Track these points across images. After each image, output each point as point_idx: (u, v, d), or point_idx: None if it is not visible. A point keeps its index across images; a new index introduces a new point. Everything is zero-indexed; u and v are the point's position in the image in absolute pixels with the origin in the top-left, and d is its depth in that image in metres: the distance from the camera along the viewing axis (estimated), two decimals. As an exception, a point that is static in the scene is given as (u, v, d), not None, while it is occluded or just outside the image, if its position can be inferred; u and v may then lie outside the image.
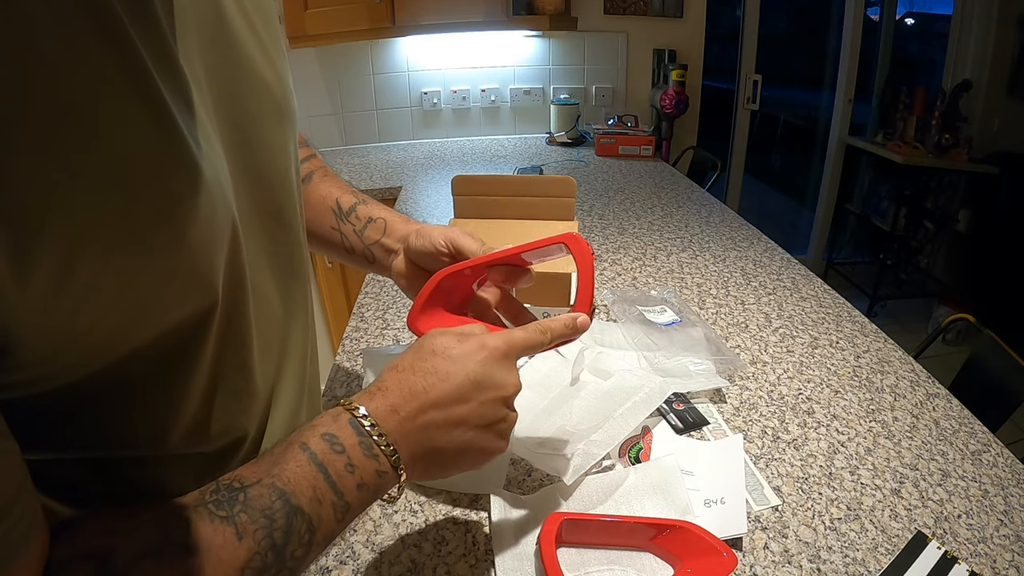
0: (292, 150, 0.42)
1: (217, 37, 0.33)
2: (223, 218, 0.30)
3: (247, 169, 0.36)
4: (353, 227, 0.59)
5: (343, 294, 1.88)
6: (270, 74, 0.38)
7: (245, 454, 0.38)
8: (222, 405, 0.34)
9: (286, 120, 0.40)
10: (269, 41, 0.38)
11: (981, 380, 1.05)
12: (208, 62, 0.32)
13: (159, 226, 0.26)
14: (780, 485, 0.63)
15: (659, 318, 0.90)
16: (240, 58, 0.35)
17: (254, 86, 0.36)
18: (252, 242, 0.36)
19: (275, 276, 0.40)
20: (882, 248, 2.89)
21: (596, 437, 0.62)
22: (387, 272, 0.58)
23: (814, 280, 1.11)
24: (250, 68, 0.36)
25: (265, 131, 0.38)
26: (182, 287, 0.28)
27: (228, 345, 0.34)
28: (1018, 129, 2.52)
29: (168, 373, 0.30)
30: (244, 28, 0.35)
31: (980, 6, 2.56)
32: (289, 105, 0.41)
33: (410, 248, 0.54)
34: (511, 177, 1.03)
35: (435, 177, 1.92)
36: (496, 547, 0.55)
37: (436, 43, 2.25)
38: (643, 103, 2.43)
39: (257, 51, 0.36)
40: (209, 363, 0.32)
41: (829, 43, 2.95)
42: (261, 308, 0.38)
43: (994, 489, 0.63)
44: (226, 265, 0.32)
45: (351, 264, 0.61)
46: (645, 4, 2.30)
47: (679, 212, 1.51)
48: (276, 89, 0.39)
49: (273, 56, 0.38)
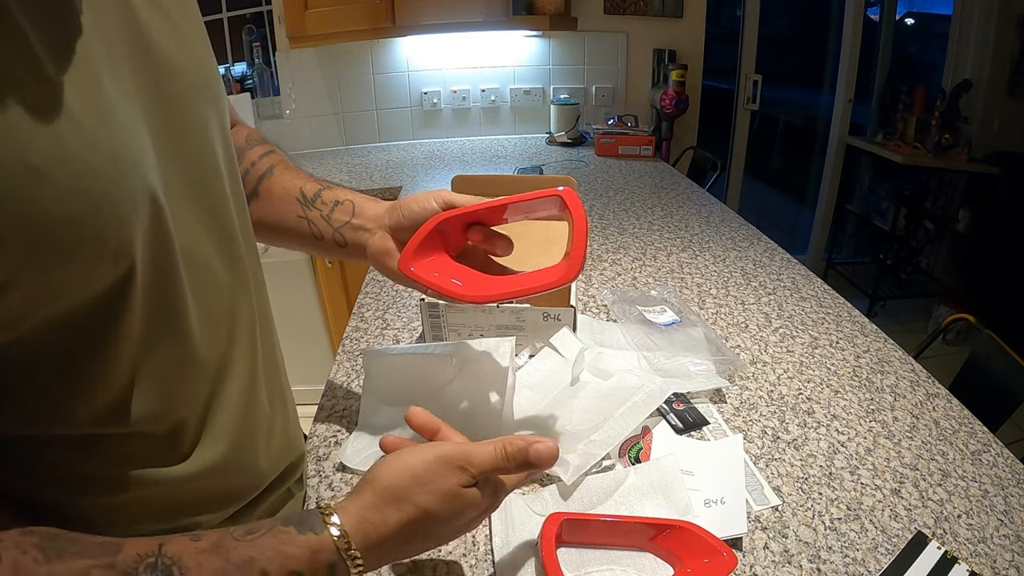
0: (216, 128, 0.43)
1: (122, 21, 0.34)
2: (137, 184, 0.32)
3: (174, 145, 0.37)
4: (320, 212, 0.58)
5: (343, 294, 1.89)
6: (188, 56, 0.40)
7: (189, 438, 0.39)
8: (157, 373, 0.35)
9: (209, 100, 0.42)
10: (184, 24, 0.40)
11: (981, 380, 1.05)
12: (124, 46, 0.34)
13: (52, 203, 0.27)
14: (780, 485, 0.63)
15: (659, 318, 0.90)
16: (155, 43, 0.37)
17: (171, 70, 0.38)
18: (185, 212, 0.38)
19: (216, 245, 0.41)
20: (882, 248, 2.89)
21: (596, 437, 0.62)
22: (360, 255, 0.57)
23: (814, 280, 1.11)
24: (166, 54, 0.37)
25: (189, 110, 0.39)
26: (88, 257, 0.29)
27: (159, 313, 0.35)
28: (1018, 129, 2.52)
29: (90, 340, 0.31)
30: (156, 15, 0.37)
31: (980, 6, 2.56)
32: (211, 85, 0.43)
33: (394, 222, 0.54)
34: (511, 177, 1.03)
35: (435, 177, 1.92)
36: (496, 547, 0.55)
37: (436, 43, 2.25)
38: (643, 103, 2.43)
39: (172, 35, 0.38)
40: (138, 330, 0.33)
41: (829, 43, 2.95)
42: (201, 276, 0.39)
43: (994, 489, 0.63)
44: (147, 233, 0.33)
45: (321, 254, 0.61)
46: (645, 4, 2.30)
47: (679, 212, 1.51)
48: (196, 71, 0.40)
49: (190, 38, 0.40)
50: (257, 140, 0.62)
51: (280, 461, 0.52)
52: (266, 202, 0.58)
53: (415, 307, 0.99)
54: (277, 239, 0.60)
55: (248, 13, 2.17)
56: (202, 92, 0.41)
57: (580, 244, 0.48)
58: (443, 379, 0.64)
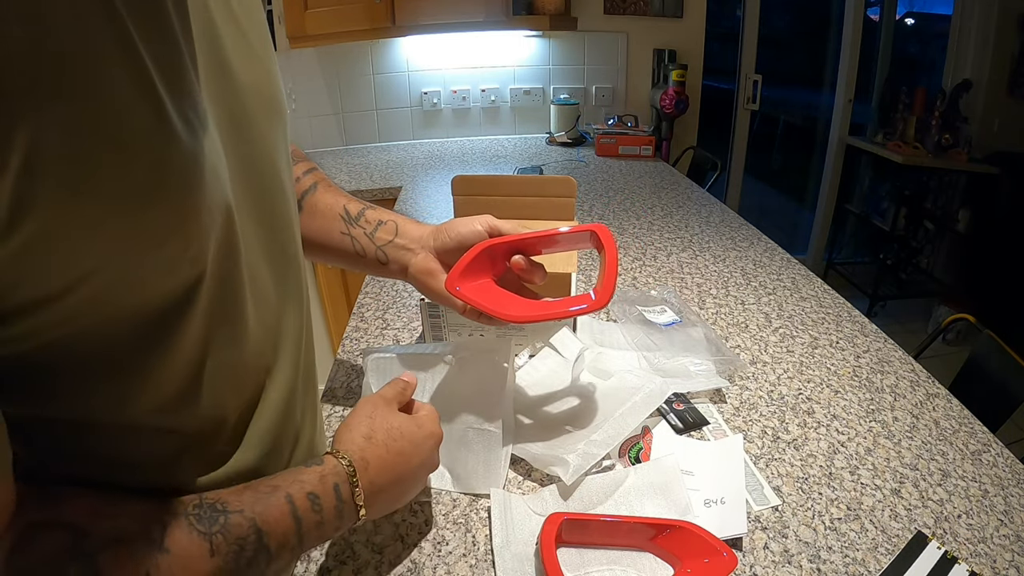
0: (282, 145, 0.44)
1: (204, 38, 0.35)
2: (217, 198, 0.32)
3: (241, 159, 0.38)
4: (364, 230, 0.60)
5: (343, 294, 1.89)
6: (260, 73, 0.40)
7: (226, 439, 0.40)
8: (212, 374, 0.36)
9: (275, 116, 0.43)
10: (258, 42, 0.41)
11: (981, 380, 1.05)
12: (204, 61, 0.34)
13: (151, 194, 0.27)
14: (780, 485, 0.63)
15: (659, 318, 0.90)
16: (229, 58, 0.37)
17: (244, 84, 0.38)
18: (247, 226, 0.39)
19: (269, 261, 0.42)
20: (882, 248, 2.89)
21: (596, 437, 0.62)
22: (400, 273, 0.60)
23: (814, 280, 1.11)
24: (240, 68, 0.38)
25: (257, 126, 0.40)
26: (173, 256, 0.30)
27: (220, 319, 0.36)
28: (1018, 129, 2.52)
29: (154, 338, 0.32)
30: (232, 31, 0.38)
31: (980, 6, 2.56)
32: (278, 102, 0.43)
33: (440, 243, 0.58)
34: (511, 177, 1.03)
35: (435, 177, 1.92)
36: (496, 547, 0.55)
37: (436, 43, 2.25)
38: (643, 103, 2.43)
39: (245, 51, 0.39)
40: (199, 333, 0.34)
41: (829, 43, 2.95)
42: (256, 288, 0.40)
43: (994, 489, 0.63)
44: (219, 242, 0.34)
45: (360, 269, 0.63)
46: (645, 4, 2.30)
47: (679, 212, 1.51)
48: (265, 88, 0.41)
49: (261, 55, 0.41)
50: (300, 157, 0.64)
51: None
52: (309, 217, 0.60)
53: (415, 307, 0.99)
54: (318, 254, 0.62)
55: (248, 13, 2.17)
56: (270, 110, 0.42)
57: (611, 276, 0.54)
58: (443, 379, 0.65)
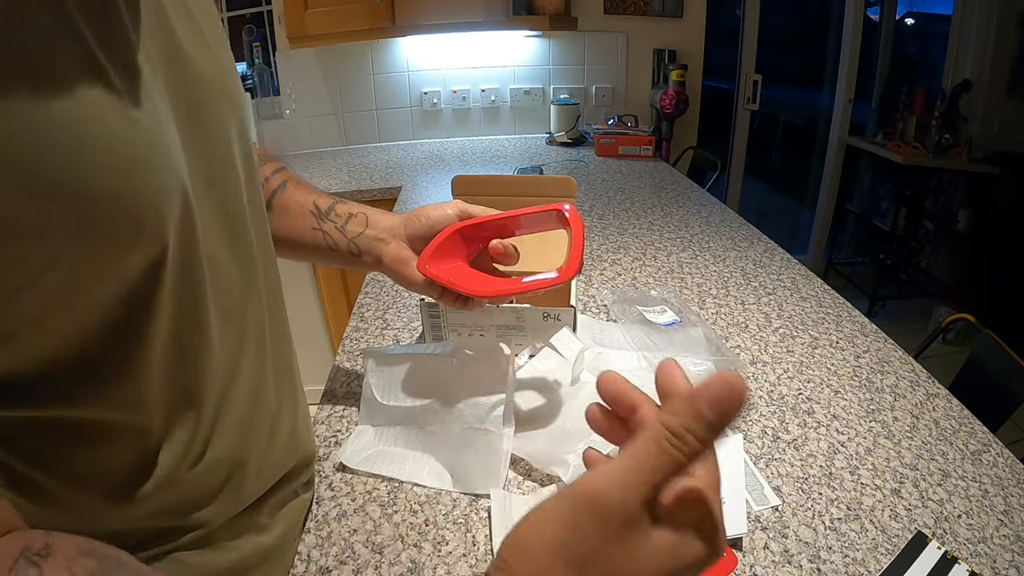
0: (235, 135, 0.45)
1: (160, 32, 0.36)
2: (171, 176, 0.33)
3: (197, 147, 0.39)
4: (334, 224, 0.61)
5: (343, 294, 1.89)
6: (214, 64, 0.41)
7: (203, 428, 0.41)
8: (181, 368, 0.37)
9: (231, 107, 0.44)
10: (212, 36, 0.42)
11: (981, 380, 1.05)
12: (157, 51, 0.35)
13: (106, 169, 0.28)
14: (780, 485, 0.63)
15: (659, 318, 0.90)
16: (184, 48, 0.38)
17: (200, 74, 0.39)
18: (204, 211, 0.39)
19: (229, 249, 0.43)
20: (882, 248, 2.89)
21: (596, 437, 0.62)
22: (375, 264, 0.61)
23: (814, 280, 1.11)
24: (194, 61, 0.39)
25: (211, 117, 0.41)
26: (132, 229, 0.30)
27: (185, 302, 0.36)
28: (1018, 129, 2.52)
29: (129, 324, 0.33)
30: (187, 25, 0.39)
31: (980, 6, 2.56)
32: (234, 93, 0.44)
33: (411, 230, 0.59)
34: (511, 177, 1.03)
35: (435, 177, 1.92)
36: (496, 547, 0.54)
37: (436, 43, 2.25)
38: (643, 103, 2.43)
39: (200, 44, 0.40)
40: (169, 318, 0.35)
41: (829, 43, 2.95)
42: (217, 275, 0.41)
43: (994, 489, 0.63)
44: (177, 225, 0.34)
45: (335, 264, 0.64)
46: (645, 4, 2.30)
47: (679, 212, 1.51)
48: (220, 77, 0.42)
49: (216, 48, 0.42)
50: (268, 158, 0.65)
51: (285, 461, 0.52)
52: (280, 215, 0.61)
53: (415, 307, 0.99)
54: (291, 251, 0.63)
55: (248, 13, 2.17)
56: (224, 100, 0.43)
57: (577, 251, 0.55)
58: (443, 379, 0.64)
